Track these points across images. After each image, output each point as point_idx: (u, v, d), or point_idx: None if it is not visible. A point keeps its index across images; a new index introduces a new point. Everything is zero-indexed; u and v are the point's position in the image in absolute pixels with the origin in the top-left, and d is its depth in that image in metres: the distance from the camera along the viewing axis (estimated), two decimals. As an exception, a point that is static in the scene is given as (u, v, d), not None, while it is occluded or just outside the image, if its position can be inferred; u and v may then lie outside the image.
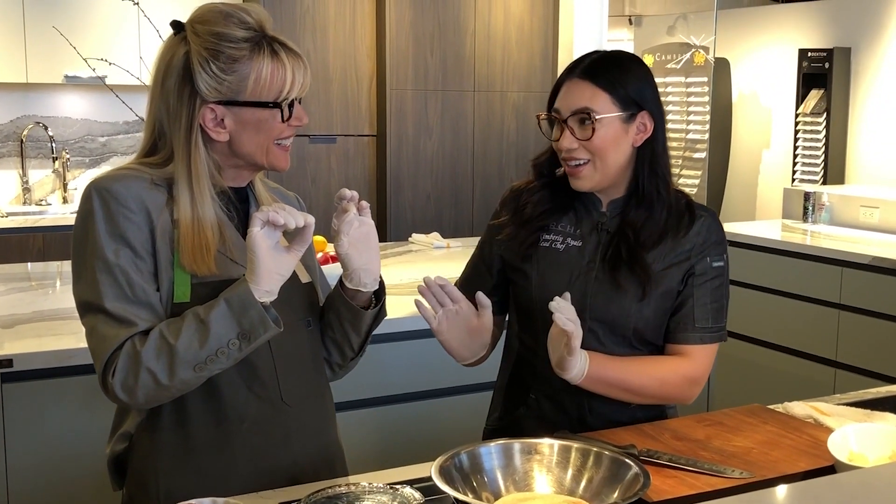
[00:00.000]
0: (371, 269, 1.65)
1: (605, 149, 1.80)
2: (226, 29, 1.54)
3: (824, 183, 6.55)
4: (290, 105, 1.58)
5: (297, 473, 1.67)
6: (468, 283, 2.01)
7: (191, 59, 1.54)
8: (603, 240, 1.86)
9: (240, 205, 1.67)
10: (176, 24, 1.60)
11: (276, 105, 1.57)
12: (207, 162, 1.58)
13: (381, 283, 1.70)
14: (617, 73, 1.82)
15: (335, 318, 1.70)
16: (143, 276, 1.51)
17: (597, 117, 1.78)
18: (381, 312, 1.72)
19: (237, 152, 1.59)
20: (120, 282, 1.49)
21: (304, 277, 1.70)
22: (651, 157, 1.85)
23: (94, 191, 1.52)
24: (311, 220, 1.53)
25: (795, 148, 7.09)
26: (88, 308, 1.51)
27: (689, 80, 6.99)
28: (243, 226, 1.64)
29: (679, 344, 1.86)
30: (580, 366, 1.75)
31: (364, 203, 1.65)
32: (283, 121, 1.58)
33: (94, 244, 1.50)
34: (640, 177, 1.85)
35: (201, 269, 1.53)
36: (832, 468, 1.58)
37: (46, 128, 5.00)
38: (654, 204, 1.85)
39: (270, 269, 1.49)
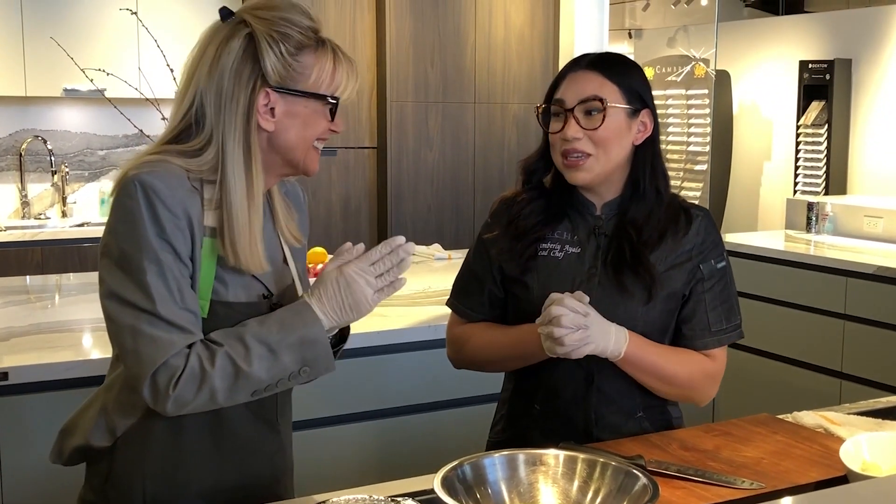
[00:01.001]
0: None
1: (610, 140, 1.78)
2: (294, 16, 1.53)
3: (826, 194, 6.53)
4: (337, 106, 1.57)
5: (275, 487, 1.67)
6: (466, 297, 1.97)
7: (256, 39, 1.50)
8: (602, 244, 1.84)
9: None
10: (226, 12, 1.56)
11: (335, 99, 1.55)
12: (259, 150, 1.54)
13: (345, 336, 1.65)
14: (623, 68, 1.83)
15: None
16: (188, 283, 1.48)
17: (608, 105, 1.76)
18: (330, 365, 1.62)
19: (278, 146, 1.55)
20: (171, 287, 1.45)
21: (301, 292, 1.67)
22: (652, 157, 1.84)
23: (139, 185, 1.45)
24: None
25: (797, 159, 7.08)
26: (133, 308, 1.45)
27: (690, 92, 6.98)
28: None
29: (699, 350, 1.85)
30: (617, 343, 1.72)
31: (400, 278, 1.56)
32: (331, 119, 1.56)
33: (146, 245, 1.44)
34: (641, 176, 1.84)
35: (254, 264, 1.51)
36: (845, 478, 1.55)
37: (45, 141, 4.98)
38: (655, 202, 1.84)
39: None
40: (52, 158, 5.00)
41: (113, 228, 1.48)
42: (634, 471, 1.44)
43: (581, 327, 1.67)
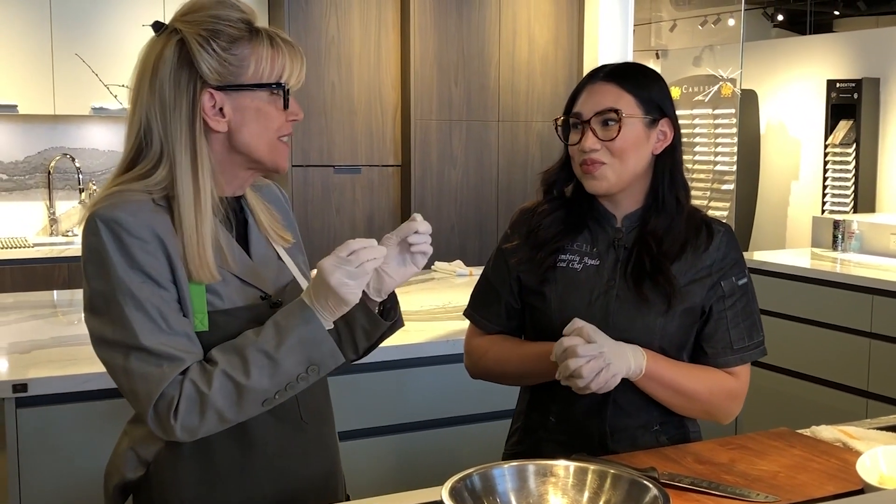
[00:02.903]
0: (387, 281, 1.57)
1: (627, 150, 1.77)
2: (222, 11, 1.51)
3: (855, 212, 6.47)
4: (288, 93, 1.54)
5: (317, 489, 1.65)
6: (484, 308, 1.97)
7: (187, 43, 1.48)
8: (621, 256, 1.83)
9: (237, 214, 1.61)
10: (158, 25, 1.54)
11: (279, 86, 1.52)
12: (210, 155, 1.51)
13: (395, 297, 1.66)
14: (641, 78, 1.82)
15: (344, 320, 1.59)
16: (172, 307, 1.46)
17: (623, 115, 1.76)
18: (398, 323, 1.67)
19: (237, 145, 1.53)
20: (153, 316, 1.42)
21: (305, 286, 1.65)
22: (672, 166, 1.83)
23: (101, 222, 1.44)
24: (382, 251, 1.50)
25: (825, 178, 7.03)
26: (119, 347, 1.43)
27: (717, 111, 6.96)
28: (241, 237, 1.60)
29: (721, 368, 1.84)
30: (636, 360, 1.71)
31: (423, 247, 1.57)
32: (284, 108, 1.53)
33: (117, 280, 1.42)
34: (661, 186, 1.82)
35: (204, 274, 1.47)
36: (861, 492, 1.52)
37: (73, 159, 5.04)
38: (675, 213, 1.82)
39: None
40: (80, 176, 5.05)
41: (85, 272, 1.47)
42: (646, 482, 1.42)
43: (593, 356, 1.65)
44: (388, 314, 1.64)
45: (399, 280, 1.58)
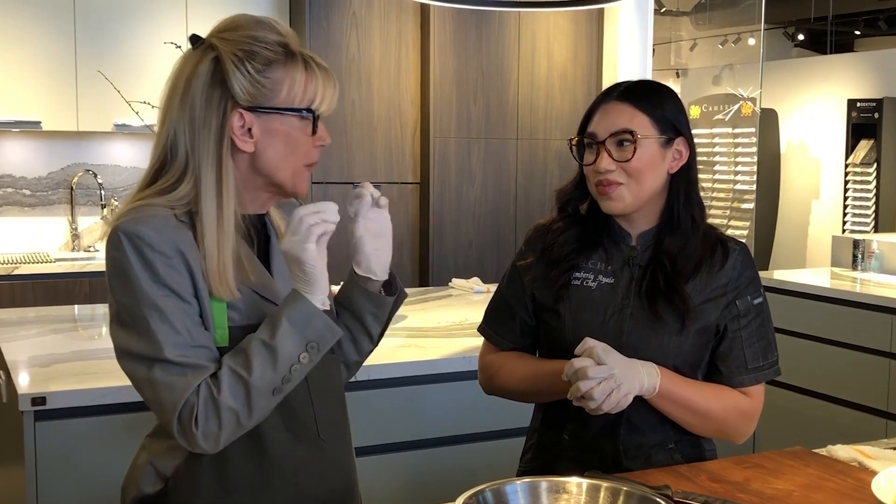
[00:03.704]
0: (381, 256, 1.61)
1: (643, 171, 1.77)
2: (259, 32, 1.52)
3: (876, 232, 6.44)
4: (317, 119, 1.54)
5: None
6: (498, 324, 1.97)
7: (222, 61, 1.49)
8: (636, 275, 1.82)
9: (259, 231, 1.62)
10: (195, 38, 1.55)
11: (310, 112, 1.53)
12: (234, 174, 1.53)
13: (392, 274, 1.67)
14: (656, 97, 1.81)
15: (350, 313, 1.63)
16: (195, 320, 1.48)
17: (638, 136, 1.76)
18: (401, 295, 1.69)
19: (261, 168, 1.54)
20: (178, 328, 1.45)
21: (325, 305, 1.67)
22: (687, 185, 1.83)
23: (124, 237, 1.45)
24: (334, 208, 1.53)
25: (845, 198, 7.00)
26: (144, 359, 1.45)
27: (737, 130, 6.94)
28: (263, 254, 1.61)
29: (735, 388, 1.83)
30: (650, 377, 1.71)
31: (384, 199, 1.63)
32: (312, 133, 1.54)
33: (142, 294, 1.44)
34: (676, 205, 1.82)
35: (224, 291, 1.49)
36: (876, 512, 1.52)
37: (96, 175, 5.08)
38: (690, 232, 1.82)
39: (324, 277, 1.50)
40: (103, 192, 5.10)
41: (110, 286, 1.49)
42: (659, 500, 1.42)
43: (603, 378, 1.65)
44: (389, 289, 1.66)
45: (383, 238, 1.61)
